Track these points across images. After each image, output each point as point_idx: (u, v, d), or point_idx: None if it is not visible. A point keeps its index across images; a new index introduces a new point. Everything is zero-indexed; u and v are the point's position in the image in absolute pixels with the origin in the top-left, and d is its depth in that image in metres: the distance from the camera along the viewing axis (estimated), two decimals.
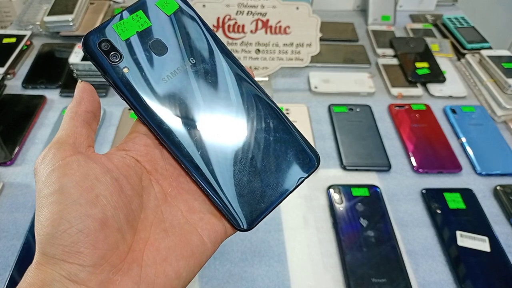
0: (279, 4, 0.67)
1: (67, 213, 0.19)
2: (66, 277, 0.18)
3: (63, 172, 0.20)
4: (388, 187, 0.59)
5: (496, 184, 0.60)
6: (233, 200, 0.23)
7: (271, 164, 0.24)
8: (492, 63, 0.75)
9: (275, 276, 0.49)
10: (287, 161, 0.24)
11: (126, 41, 0.23)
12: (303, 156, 0.24)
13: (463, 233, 0.53)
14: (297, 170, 0.24)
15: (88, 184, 0.20)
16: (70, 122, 0.22)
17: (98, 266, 0.19)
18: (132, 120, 0.65)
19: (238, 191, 0.23)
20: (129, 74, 0.22)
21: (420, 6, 1.01)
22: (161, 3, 0.24)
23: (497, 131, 0.68)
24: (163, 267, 0.20)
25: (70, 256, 0.18)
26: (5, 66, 0.73)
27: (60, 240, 0.18)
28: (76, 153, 0.21)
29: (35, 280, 0.18)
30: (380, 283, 0.47)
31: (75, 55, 0.71)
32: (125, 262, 0.20)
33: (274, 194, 0.24)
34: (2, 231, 0.51)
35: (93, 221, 0.19)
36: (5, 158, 0.59)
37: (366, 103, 0.72)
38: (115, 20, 0.23)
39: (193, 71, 0.24)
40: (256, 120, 0.24)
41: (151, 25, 0.23)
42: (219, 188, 0.23)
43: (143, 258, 0.20)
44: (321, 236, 0.53)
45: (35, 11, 0.87)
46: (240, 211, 0.23)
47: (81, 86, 0.23)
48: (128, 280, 0.19)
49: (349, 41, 0.89)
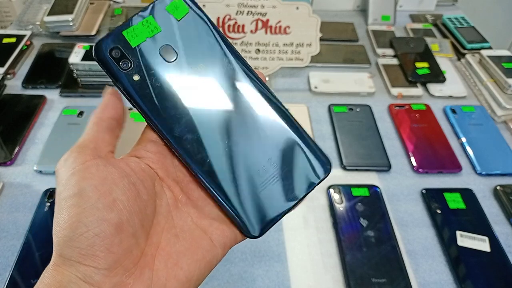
0: (279, 4, 0.67)
1: (84, 216, 0.19)
2: (82, 278, 0.19)
3: (83, 175, 0.20)
4: (388, 187, 0.59)
5: (496, 184, 0.60)
6: (243, 207, 0.23)
7: (283, 170, 0.24)
8: (492, 63, 0.75)
9: (275, 276, 0.49)
10: (298, 168, 0.24)
11: (137, 48, 0.23)
12: (315, 162, 0.24)
13: (463, 233, 0.53)
14: (308, 176, 0.24)
15: (106, 188, 0.20)
16: (94, 127, 0.23)
17: (112, 269, 0.19)
18: (132, 120, 0.65)
19: (248, 198, 0.23)
20: (140, 82, 0.22)
21: (420, 6, 1.01)
22: (171, 7, 0.24)
23: (497, 131, 0.68)
24: (174, 271, 0.21)
25: (86, 259, 0.19)
26: (5, 66, 0.73)
27: (77, 243, 0.19)
28: (96, 157, 0.21)
29: (52, 281, 0.19)
30: (380, 283, 0.47)
31: (75, 55, 0.71)
32: (137, 266, 0.20)
33: (285, 201, 0.23)
34: (2, 231, 0.51)
35: (109, 225, 0.19)
36: (5, 158, 0.59)
37: (366, 103, 0.72)
38: (125, 26, 0.23)
39: (203, 77, 0.23)
40: (268, 127, 0.24)
41: (161, 30, 0.23)
42: (230, 195, 0.23)
43: (154, 262, 0.21)
44: (321, 236, 0.53)
45: (35, 11, 0.87)
46: (250, 219, 0.23)
47: (109, 92, 0.24)
48: (140, 284, 0.20)
49: (349, 41, 0.89)
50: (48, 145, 0.61)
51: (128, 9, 0.92)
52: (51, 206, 0.53)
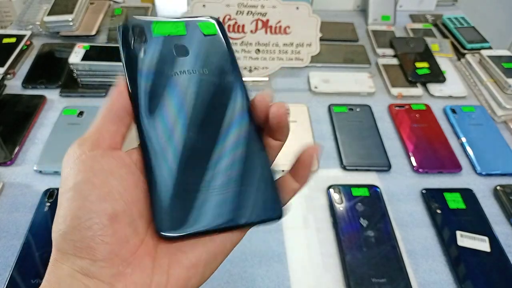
0: (279, 4, 0.67)
1: (78, 209, 0.19)
2: (79, 271, 0.19)
3: (78, 169, 0.21)
4: (388, 187, 0.59)
5: (496, 184, 0.60)
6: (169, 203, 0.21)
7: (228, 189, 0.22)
8: (492, 63, 0.75)
9: (275, 276, 0.49)
10: (246, 196, 0.22)
11: (156, 36, 0.25)
12: (267, 201, 0.22)
13: (463, 233, 0.53)
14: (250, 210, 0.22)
15: (101, 179, 0.20)
16: (100, 118, 0.23)
17: (108, 260, 0.19)
18: None
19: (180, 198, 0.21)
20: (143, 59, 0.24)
21: (420, 6, 1.01)
22: (203, 25, 0.27)
23: (497, 131, 0.68)
24: (177, 256, 0.21)
25: (81, 251, 0.19)
26: (5, 66, 0.73)
27: (71, 236, 0.19)
28: (94, 149, 0.21)
29: (51, 277, 0.19)
30: (380, 283, 0.47)
31: (75, 55, 0.71)
32: (136, 255, 0.20)
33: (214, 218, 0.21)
34: (2, 231, 0.51)
35: (101, 216, 0.19)
36: (5, 158, 0.59)
37: (366, 103, 0.72)
38: (159, 19, 0.26)
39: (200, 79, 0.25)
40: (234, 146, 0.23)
41: (185, 34, 0.26)
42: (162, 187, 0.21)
43: (156, 250, 0.21)
44: (321, 236, 0.53)
45: (35, 11, 0.87)
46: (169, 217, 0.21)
47: (118, 86, 0.24)
48: (140, 272, 0.20)
49: (349, 41, 0.89)
50: (48, 145, 0.61)
51: (128, 9, 0.92)
52: (51, 206, 0.53)
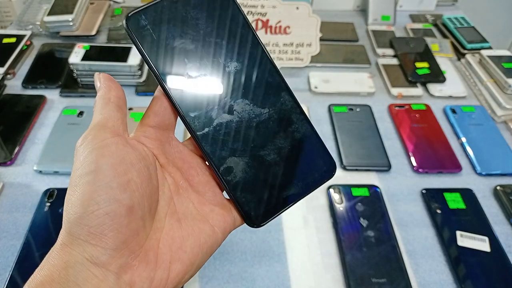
0: (279, 4, 0.67)
1: (97, 194, 0.19)
2: (89, 259, 0.19)
3: (101, 153, 0.20)
4: (388, 187, 0.59)
5: (496, 184, 0.60)
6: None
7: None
8: (492, 63, 0.75)
9: (275, 276, 0.49)
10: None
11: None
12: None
13: (463, 233, 0.53)
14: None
15: (123, 168, 0.20)
16: (106, 107, 0.23)
17: (119, 250, 0.19)
18: (131, 120, 0.65)
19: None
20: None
21: (420, 6, 1.01)
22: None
23: (497, 131, 0.68)
24: (178, 255, 0.22)
25: (94, 238, 0.19)
26: (5, 66, 0.73)
27: (87, 221, 0.19)
28: (115, 135, 0.21)
29: (58, 262, 0.19)
30: (380, 283, 0.47)
31: (75, 55, 0.71)
32: (143, 249, 0.21)
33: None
34: (2, 231, 0.51)
35: (120, 205, 0.19)
36: (5, 158, 0.59)
37: (366, 103, 0.72)
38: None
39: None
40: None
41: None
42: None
43: (159, 246, 0.22)
44: (321, 236, 0.53)
45: (35, 11, 0.87)
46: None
47: (104, 76, 0.24)
48: (145, 266, 0.20)
49: (349, 41, 0.89)
50: (48, 145, 0.61)
51: (128, 9, 0.92)
52: (51, 206, 0.53)
